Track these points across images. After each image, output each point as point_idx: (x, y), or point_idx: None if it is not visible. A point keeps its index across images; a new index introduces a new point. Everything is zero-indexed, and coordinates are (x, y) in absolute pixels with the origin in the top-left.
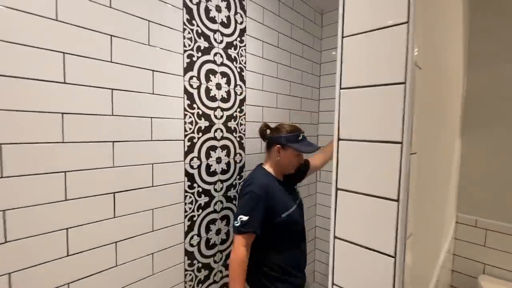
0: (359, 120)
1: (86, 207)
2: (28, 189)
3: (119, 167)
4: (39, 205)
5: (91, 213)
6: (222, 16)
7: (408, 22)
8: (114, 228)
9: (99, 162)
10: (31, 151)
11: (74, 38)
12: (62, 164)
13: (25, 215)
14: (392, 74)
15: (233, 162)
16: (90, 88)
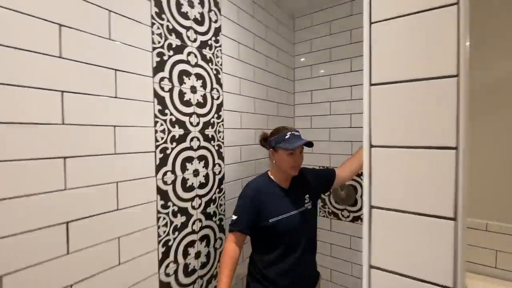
0: (398, 123)
1: (29, 243)
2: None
3: (73, 190)
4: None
5: (36, 251)
6: (195, 12)
7: (458, 3)
8: (67, 268)
9: (46, 185)
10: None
11: (7, 26)
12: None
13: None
14: (441, 66)
15: (212, 174)
16: (33, 90)
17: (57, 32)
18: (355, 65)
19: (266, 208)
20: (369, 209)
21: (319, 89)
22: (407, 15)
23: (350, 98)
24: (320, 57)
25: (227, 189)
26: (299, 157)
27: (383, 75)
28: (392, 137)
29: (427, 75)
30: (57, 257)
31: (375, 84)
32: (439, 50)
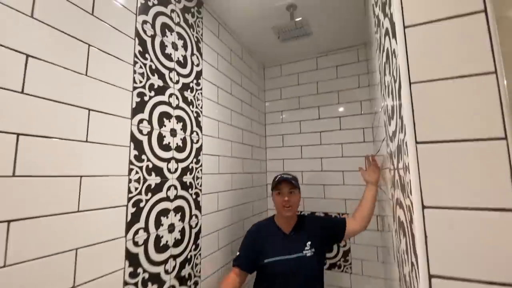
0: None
1: None
2: None
3: (16, 266)
4: None
5: None
6: (179, 55)
7: (496, 71)
8: None
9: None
10: None
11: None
12: None
13: None
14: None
15: (188, 227)
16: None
17: (23, 63)
18: (323, 113)
19: (264, 248)
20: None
21: (290, 134)
22: (443, 79)
23: (319, 143)
24: (289, 104)
25: (203, 245)
26: (287, 196)
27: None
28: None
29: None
30: None
31: (421, 142)
32: (481, 111)
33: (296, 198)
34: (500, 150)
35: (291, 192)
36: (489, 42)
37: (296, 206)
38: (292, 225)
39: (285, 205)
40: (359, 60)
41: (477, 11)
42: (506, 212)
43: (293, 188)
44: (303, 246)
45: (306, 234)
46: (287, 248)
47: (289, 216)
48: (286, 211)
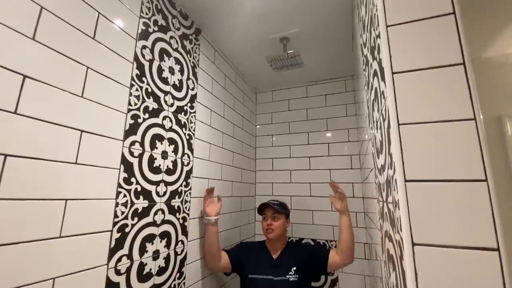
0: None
1: None
2: None
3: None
4: None
5: None
6: (175, 79)
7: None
8: None
9: None
10: None
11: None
12: None
13: None
14: (469, 170)
15: (174, 254)
16: None
17: (19, 83)
18: (312, 138)
19: (250, 263)
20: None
21: (279, 158)
22: (429, 122)
23: (308, 168)
24: (279, 129)
25: (187, 273)
26: (269, 219)
27: (415, 174)
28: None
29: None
30: None
31: (409, 180)
32: (463, 155)
33: (280, 222)
34: (481, 191)
35: (274, 217)
36: (468, 91)
37: (279, 230)
38: (280, 250)
39: (268, 228)
40: (347, 90)
41: (457, 63)
42: (488, 251)
43: (277, 213)
44: (288, 271)
45: (292, 259)
46: (272, 270)
47: (276, 241)
48: (268, 233)
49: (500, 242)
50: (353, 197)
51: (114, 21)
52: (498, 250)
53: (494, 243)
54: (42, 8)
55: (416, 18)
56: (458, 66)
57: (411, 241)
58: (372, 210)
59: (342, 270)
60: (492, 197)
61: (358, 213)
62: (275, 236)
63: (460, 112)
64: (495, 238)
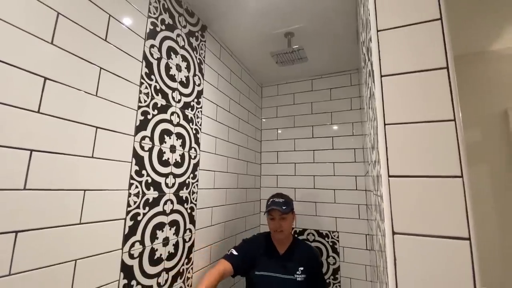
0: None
1: None
2: None
3: (20, 275)
4: None
5: None
6: (182, 76)
7: (455, 120)
8: None
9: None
10: None
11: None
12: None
13: None
14: (447, 167)
15: (182, 241)
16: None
17: (41, 85)
18: (316, 132)
19: (257, 260)
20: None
21: (284, 151)
22: (413, 122)
23: (312, 161)
24: (284, 122)
25: (195, 259)
26: (278, 222)
27: (398, 169)
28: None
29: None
30: None
31: (393, 176)
32: (442, 153)
33: (288, 222)
34: (457, 186)
35: (282, 218)
36: (449, 93)
37: (288, 229)
38: (286, 245)
39: (277, 230)
40: (352, 84)
41: (441, 67)
42: (460, 240)
43: (284, 214)
44: (295, 270)
45: (300, 259)
46: (279, 267)
47: (282, 238)
48: (277, 234)
49: (471, 232)
50: (355, 189)
51: (124, 22)
52: (469, 239)
53: (466, 233)
54: (59, 14)
55: (405, 23)
56: (442, 70)
57: (391, 230)
58: (370, 203)
59: (344, 260)
60: (467, 192)
61: (361, 206)
62: (285, 236)
63: (442, 113)
64: (467, 228)
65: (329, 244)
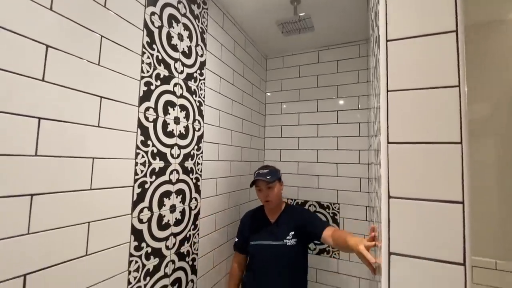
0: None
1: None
2: None
3: (37, 234)
4: None
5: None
6: (184, 46)
7: (459, 85)
8: None
9: (6, 229)
10: None
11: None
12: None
13: None
14: (446, 133)
15: (188, 209)
16: (6, 115)
17: (43, 53)
18: (321, 106)
19: (251, 232)
20: (388, 256)
21: (288, 125)
22: (416, 89)
23: (316, 135)
24: (289, 96)
25: (201, 226)
26: (266, 192)
27: (398, 136)
28: (408, 188)
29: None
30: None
31: (392, 142)
32: (443, 119)
33: (275, 191)
34: (455, 152)
35: (269, 188)
36: (456, 58)
37: (276, 198)
38: (277, 214)
39: (265, 200)
40: (360, 56)
41: (449, 30)
42: (455, 204)
43: (270, 183)
44: (285, 235)
45: (290, 224)
46: (270, 235)
47: (275, 206)
48: (268, 205)
49: (465, 197)
50: (358, 163)
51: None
52: (463, 203)
53: (460, 197)
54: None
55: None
56: (450, 34)
57: (387, 194)
58: (371, 176)
59: (344, 229)
60: (465, 157)
61: (362, 179)
62: (274, 205)
63: (446, 79)
64: (461, 192)
65: (329, 215)
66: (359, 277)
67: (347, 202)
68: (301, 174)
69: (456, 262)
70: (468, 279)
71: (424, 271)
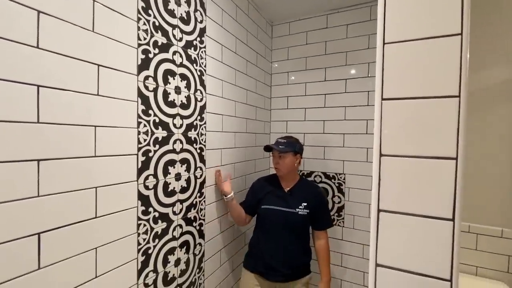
0: (410, 137)
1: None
2: None
3: (47, 196)
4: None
5: (2, 266)
6: (182, 11)
7: (462, 33)
8: (39, 285)
9: (16, 191)
10: None
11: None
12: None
13: None
14: (443, 86)
15: (193, 177)
16: (3, 82)
17: (35, 19)
18: (329, 75)
19: (263, 197)
20: (377, 213)
21: (295, 96)
22: (413, 40)
23: (323, 106)
24: (296, 65)
25: (207, 194)
26: (276, 159)
27: (392, 92)
28: (400, 146)
29: (431, 94)
30: (27, 272)
31: (386, 99)
32: (442, 72)
33: (286, 161)
34: (451, 106)
35: (280, 156)
36: (460, 5)
37: (286, 168)
38: (291, 184)
39: (275, 166)
40: (371, 19)
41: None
42: (447, 160)
43: (282, 153)
44: (298, 205)
45: (304, 196)
46: (283, 202)
47: (286, 176)
48: (276, 171)
49: (459, 153)
50: (366, 133)
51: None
52: (456, 159)
53: (454, 152)
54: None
55: None
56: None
57: (379, 152)
58: None
59: (349, 199)
60: (461, 110)
61: (369, 149)
62: (283, 174)
63: (447, 26)
64: (455, 148)
65: (335, 185)
66: (363, 243)
67: (353, 172)
68: (308, 145)
69: (445, 218)
70: (456, 234)
71: (412, 229)
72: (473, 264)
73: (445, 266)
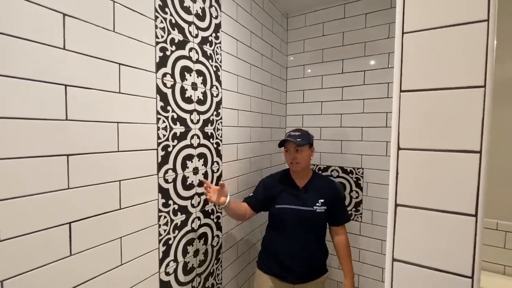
0: (424, 126)
1: (31, 245)
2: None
3: (76, 189)
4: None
5: (39, 253)
6: (197, 7)
7: (488, 19)
8: (70, 269)
9: (49, 183)
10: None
11: (10, 14)
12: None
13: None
14: (467, 76)
15: (211, 171)
16: (35, 83)
17: (61, 21)
18: (346, 67)
19: (276, 196)
20: (394, 207)
21: (311, 89)
22: (433, 28)
23: (341, 99)
24: (312, 58)
25: None
26: (293, 154)
27: (412, 83)
28: (419, 139)
29: (454, 85)
30: (60, 259)
31: (405, 91)
32: (466, 62)
33: (304, 154)
34: (476, 96)
35: (297, 150)
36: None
37: (304, 162)
38: (305, 180)
39: (292, 162)
40: (392, 6)
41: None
42: (470, 153)
43: (299, 146)
44: (315, 202)
45: (320, 192)
46: (299, 200)
47: (301, 171)
48: (294, 167)
49: (483, 145)
50: (385, 127)
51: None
52: (480, 152)
53: (478, 146)
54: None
55: None
56: None
57: (397, 146)
58: None
59: (367, 194)
60: (487, 101)
61: (389, 143)
62: (301, 169)
63: (472, 13)
64: (479, 141)
65: (353, 180)
66: (381, 239)
67: (372, 166)
68: (324, 139)
69: (467, 213)
70: (479, 230)
71: (432, 223)
72: (501, 263)
73: (467, 262)
